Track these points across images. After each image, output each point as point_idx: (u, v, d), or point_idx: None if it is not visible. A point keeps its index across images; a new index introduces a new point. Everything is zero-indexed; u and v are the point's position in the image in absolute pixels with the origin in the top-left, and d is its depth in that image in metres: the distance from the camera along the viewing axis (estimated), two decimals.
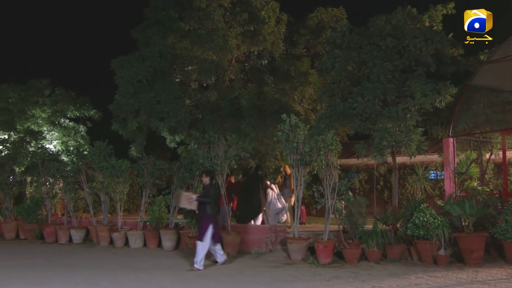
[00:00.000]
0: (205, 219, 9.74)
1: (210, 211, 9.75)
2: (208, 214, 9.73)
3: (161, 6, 15.84)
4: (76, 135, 19.55)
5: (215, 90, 15.48)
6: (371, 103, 10.90)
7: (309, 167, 10.57)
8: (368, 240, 9.85)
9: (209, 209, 9.76)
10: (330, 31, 15.45)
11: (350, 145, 16.12)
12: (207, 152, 11.88)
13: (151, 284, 8.30)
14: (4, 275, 9.10)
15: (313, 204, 15.22)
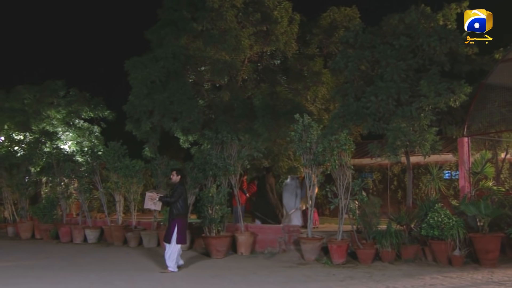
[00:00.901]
0: (171, 220, 9.47)
1: (176, 211, 9.43)
2: (173, 214, 9.45)
3: (174, 7, 15.90)
4: (90, 136, 19.74)
5: (228, 90, 15.51)
6: (385, 102, 10.85)
7: (322, 167, 10.56)
8: (382, 240, 9.81)
9: (175, 209, 9.45)
10: (343, 30, 15.38)
11: (364, 145, 16.05)
12: (220, 152, 11.91)
13: (165, 284, 8.34)
14: (20, 274, 9.21)
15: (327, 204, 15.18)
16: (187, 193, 9.81)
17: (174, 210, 9.48)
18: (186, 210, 9.70)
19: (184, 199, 9.60)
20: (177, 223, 9.40)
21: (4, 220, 16.83)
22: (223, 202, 11.26)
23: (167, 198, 9.63)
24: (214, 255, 11.03)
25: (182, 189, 9.64)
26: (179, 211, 9.47)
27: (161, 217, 13.03)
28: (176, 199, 9.48)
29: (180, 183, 9.77)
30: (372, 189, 17.12)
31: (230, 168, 11.56)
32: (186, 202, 9.71)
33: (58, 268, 9.95)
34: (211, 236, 11.15)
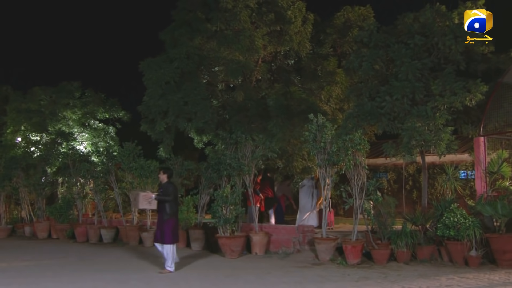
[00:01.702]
0: (165, 219, 9.41)
1: (170, 210, 9.40)
2: (167, 213, 9.40)
3: (188, 7, 15.96)
4: (105, 136, 19.89)
5: (242, 91, 15.52)
6: (400, 102, 10.79)
7: (336, 167, 10.54)
8: (397, 241, 9.76)
9: (169, 208, 9.41)
10: (357, 30, 15.32)
11: (378, 145, 15.97)
12: (234, 153, 11.94)
13: (180, 283, 8.38)
14: (37, 273, 9.32)
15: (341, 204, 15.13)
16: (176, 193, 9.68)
17: (168, 209, 9.41)
18: (176, 209, 9.63)
19: (175, 199, 9.53)
20: (171, 222, 9.37)
21: (21, 220, 17.02)
22: (238, 202, 11.28)
23: (164, 197, 9.48)
24: (228, 255, 11.06)
25: (172, 188, 9.58)
26: (172, 210, 9.43)
27: None
28: (171, 198, 9.42)
29: (169, 182, 9.71)
30: (387, 189, 17.02)
31: (244, 168, 11.59)
32: (177, 202, 9.67)
33: (74, 267, 10.06)
34: (225, 236, 11.18)
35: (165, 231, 9.33)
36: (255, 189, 13.76)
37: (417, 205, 15.25)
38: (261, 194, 13.88)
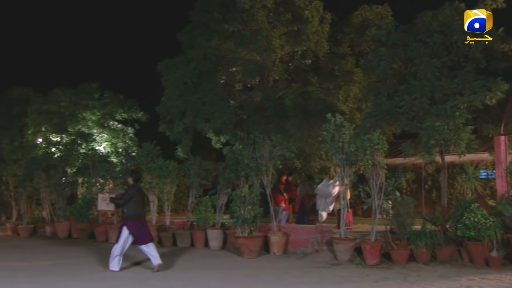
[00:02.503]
0: (122, 220, 9.61)
1: (127, 213, 9.44)
2: (124, 215, 9.52)
3: (205, 8, 16.02)
4: (124, 137, 20.04)
5: (260, 91, 15.54)
6: (418, 101, 10.70)
7: (355, 166, 10.50)
8: (417, 241, 9.69)
9: (126, 210, 9.45)
10: (375, 29, 15.23)
11: (397, 144, 15.85)
12: (252, 153, 11.96)
13: (199, 283, 8.43)
14: (58, 272, 9.44)
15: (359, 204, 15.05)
16: (140, 195, 9.73)
17: (125, 212, 9.51)
18: (137, 212, 9.52)
19: (136, 202, 9.48)
20: (127, 225, 9.42)
21: (42, 220, 17.23)
22: (255, 202, 11.30)
23: (116, 199, 9.63)
24: (246, 255, 11.08)
25: (132, 191, 9.60)
26: (128, 213, 9.45)
27: (194, 217, 13.17)
28: (124, 201, 9.47)
29: (132, 186, 9.79)
30: (406, 189, 16.87)
31: (262, 168, 11.60)
32: (137, 204, 9.53)
33: (94, 267, 10.16)
34: (243, 236, 11.21)
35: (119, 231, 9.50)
36: (279, 188, 13.81)
37: (436, 205, 15.09)
38: (286, 194, 13.89)
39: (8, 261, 10.82)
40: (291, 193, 14.11)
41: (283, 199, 13.88)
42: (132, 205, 9.46)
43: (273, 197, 13.91)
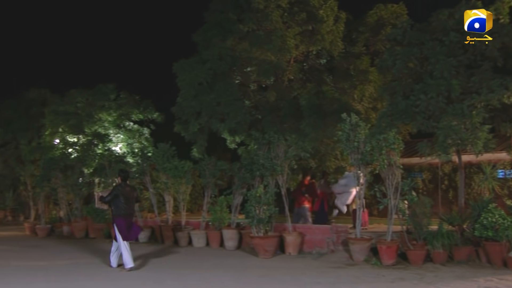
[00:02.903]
0: (112, 219, 10.08)
1: (115, 211, 9.81)
2: (113, 214, 9.93)
3: (220, 9, 16.08)
4: (140, 138, 20.17)
5: (274, 91, 15.55)
6: (435, 100, 10.62)
7: (370, 166, 10.45)
8: (433, 241, 9.61)
9: (114, 208, 9.84)
10: (390, 27, 15.14)
11: (413, 144, 15.74)
12: (267, 153, 11.96)
13: (214, 283, 8.45)
14: (76, 272, 9.53)
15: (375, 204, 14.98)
16: (128, 194, 9.97)
17: (113, 210, 9.91)
18: (124, 210, 9.82)
19: (124, 200, 9.81)
20: (116, 223, 9.76)
21: (59, 220, 17.40)
22: (271, 202, 11.29)
23: (103, 198, 10.05)
24: (262, 255, 11.08)
25: (117, 190, 9.92)
26: (115, 211, 9.82)
27: (209, 217, 13.20)
28: (109, 199, 9.86)
29: (119, 185, 10.15)
30: (422, 188, 16.76)
31: (277, 168, 11.59)
32: (124, 203, 9.82)
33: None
34: (258, 236, 11.21)
35: (113, 230, 9.90)
36: (302, 190, 13.81)
37: (453, 205, 14.98)
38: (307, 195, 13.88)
39: (26, 261, 10.95)
40: (313, 194, 14.07)
41: (305, 199, 13.87)
42: (119, 204, 9.81)
43: (295, 199, 13.93)
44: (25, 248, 13.33)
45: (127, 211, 9.90)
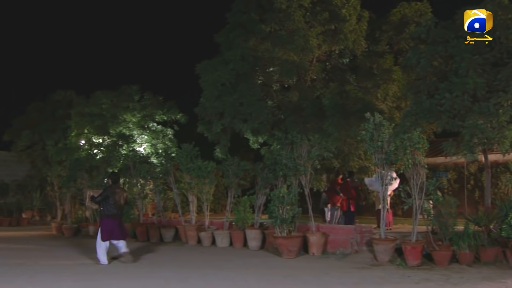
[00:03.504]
0: (100, 218, 10.70)
1: (103, 211, 10.37)
2: (101, 213, 10.50)
3: (242, 9, 16.13)
4: (164, 138, 20.35)
5: (297, 91, 15.53)
6: (460, 99, 10.47)
7: (394, 166, 10.36)
8: (460, 242, 9.47)
9: (103, 209, 10.38)
10: (414, 26, 15.01)
11: (437, 143, 15.56)
12: (290, 153, 11.94)
13: (238, 283, 8.47)
14: (102, 271, 9.66)
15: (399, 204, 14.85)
16: (117, 196, 10.47)
17: (102, 210, 10.46)
18: (112, 211, 10.38)
19: (114, 201, 10.35)
20: (103, 222, 10.40)
21: (85, 220, 17.64)
22: (294, 202, 11.28)
23: (94, 198, 10.63)
24: (285, 255, 11.07)
25: (107, 191, 10.45)
26: (104, 212, 10.38)
27: (233, 217, 13.25)
28: (99, 199, 10.45)
29: (110, 186, 10.67)
30: (447, 188, 16.54)
31: (300, 169, 11.57)
32: (113, 204, 10.36)
33: (136, 266, 10.35)
34: (282, 236, 11.20)
35: (97, 228, 10.54)
36: (336, 189, 13.78)
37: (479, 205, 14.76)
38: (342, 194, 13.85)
39: (54, 260, 11.13)
40: (348, 193, 14.01)
41: (340, 199, 13.83)
42: (108, 205, 10.36)
43: (329, 198, 13.90)
44: (52, 248, 13.55)
45: (115, 212, 10.47)
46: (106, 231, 10.30)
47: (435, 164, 17.05)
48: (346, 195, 13.86)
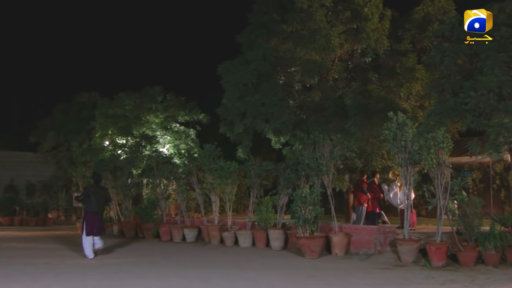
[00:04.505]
0: (83, 214, 11.89)
1: (86, 208, 11.56)
2: (84, 210, 11.71)
3: (264, 10, 16.12)
4: (186, 139, 20.46)
5: (319, 90, 15.46)
6: (485, 97, 10.29)
7: (418, 166, 10.25)
8: (485, 242, 9.33)
9: (85, 206, 11.56)
10: (438, 24, 14.80)
11: (462, 142, 15.37)
12: (312, 153, 11.91)
13: (261, 283, 8.48)
14: (127, 270, 9.78)
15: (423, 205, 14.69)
16: (98, 194, 11.63)
17: (85, 207, 11.67)
18: (93, 208, 11.48)
19: (95, 199, 11.47)
20: (85, 217, 11.51)
21: (110, 220, 17.84)
22: (317, 202, 11.25)
23: (77, 197, 11.98)
24: (308, 255, 11.05)
25: (88, 190, 11.73)
26: (86, 208, 11.55)
27: (255, 217, 13.27)
28: (80, 197, 11.85)
29: (91, 185, 12.04)
30: (472, 188, 16.30)
31: (323, 169, 11.53)
32: (94, 201, 11.49)
33: (160, 265, 10.45)
34: (305, 237, 11.19)
35: (81, 224, 11.70)
36: (363, 188, 13.73)
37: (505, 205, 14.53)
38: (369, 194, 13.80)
39: (79, 259, 11.30)
40: (375, 192, 13.93)
41: (366, 198, 13.76)
42: (90, 202, 11.47)
43: (356, 197, 13.87)
44: (78, 247, 13.69)
45: (96, 209, 11.55)
46: (88, 226, 11.31)
47: (459, 163, 16.83)
48: (372, 195, 13.80)
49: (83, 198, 11.60)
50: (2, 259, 11.07)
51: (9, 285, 8.32)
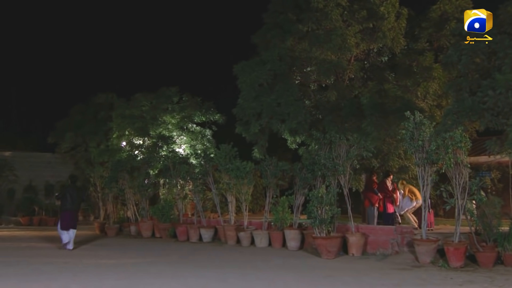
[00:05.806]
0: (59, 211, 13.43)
1: (61, 206, 13.01)
2: (60, 208, 13.16)
3: (279, 10, 16.11)
4: (203, 139, 20.53)
5: (335, 90, 15.40)
6: (504, 96, 10.17)
7: (436, 165, 10.16)
8: (504, 243, 9.22)
9: (62, 204, 13.01)
10: (455, 22, 14.64)
11: (480, 142, 15.18)
12: (328, 153, 11.88)
13: (277, 283, 8.49)
14: (144, 270, 9.85)
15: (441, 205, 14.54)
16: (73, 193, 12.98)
17: (61, 205, 13.08)
18: (69, 206, 12.90)
19: (70, 198, 12.87)
20: (61, 214, 12.96)
21: (127, 220, 17.98)
22: (333, 202, 11.22)
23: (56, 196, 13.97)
24: (324, 255, 11.03)
25: (65, 190, 13.19)
26: (62, 206, 12.98)
27: (271, 217, 13.27)
28: (59, 196, 13.23)
29: (68, 186, 13.53)
30: (491, 188, 16.09)
31: (339, 168, 11.50)
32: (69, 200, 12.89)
33: (176, 265, 10.51)
34: (321, 237, 11.16)
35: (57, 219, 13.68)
36: (373, 188, 13.66)
37: None
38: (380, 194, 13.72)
39: (97, 259, 11.41)
40: (386, 192, 13.85)
41: (377, 199, 13.69)
42: (65, 201, 12.91)
43: (367, 197, 13.79)
44: (96, 247, 13.90)
45: (71, 207, 12.94)
46: (64, 222, 12.74)
47: (477, 163, 16.63)
48: (383, 195, 13.69)
49: (61, 197, 13.09)
50: (22, 259, 11.23)
51: (28, 284, 8.44)
